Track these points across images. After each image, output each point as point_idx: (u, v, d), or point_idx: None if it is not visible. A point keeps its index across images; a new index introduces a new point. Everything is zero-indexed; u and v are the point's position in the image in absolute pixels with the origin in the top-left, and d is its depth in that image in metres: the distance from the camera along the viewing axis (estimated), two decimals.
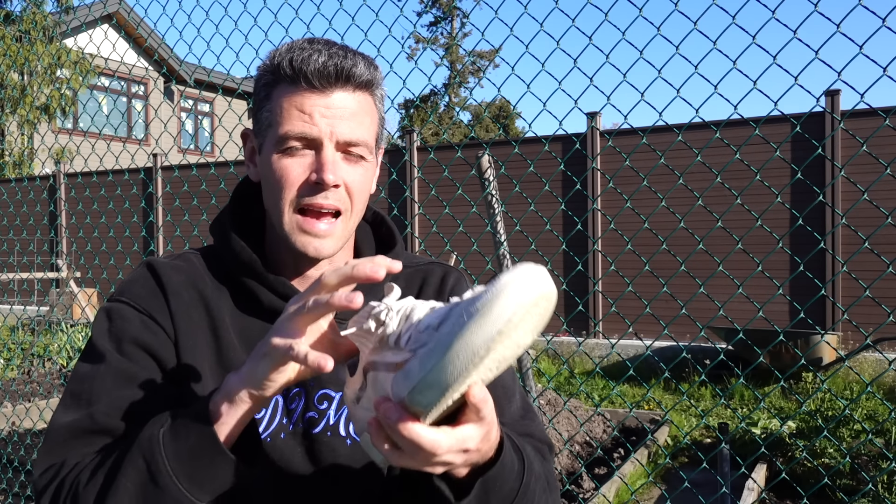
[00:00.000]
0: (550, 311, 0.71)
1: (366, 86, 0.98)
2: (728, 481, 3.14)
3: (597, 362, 3.82)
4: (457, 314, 0.69)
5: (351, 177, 0.97)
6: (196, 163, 5.55)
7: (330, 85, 0.94)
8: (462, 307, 0.69)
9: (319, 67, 0.93)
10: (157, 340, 0.99)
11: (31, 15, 12.33)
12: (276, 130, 0.96)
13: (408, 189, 8.81)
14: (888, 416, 2.19)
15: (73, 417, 0.94)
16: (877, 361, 6.76)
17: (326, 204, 0.96)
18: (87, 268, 10.23)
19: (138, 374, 0.96)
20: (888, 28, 1.82)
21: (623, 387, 6.99)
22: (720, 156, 7.46)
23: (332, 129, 0.94)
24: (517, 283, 0.66)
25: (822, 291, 2.31)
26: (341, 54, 0.95)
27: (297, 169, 0.95)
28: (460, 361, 0.67)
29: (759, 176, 2.05)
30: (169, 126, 14.66)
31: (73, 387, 0.97)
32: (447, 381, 0.68)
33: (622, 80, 2.24)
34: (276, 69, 0.96)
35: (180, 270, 1.04)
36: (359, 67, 0.95)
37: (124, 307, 1.01)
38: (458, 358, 0.67)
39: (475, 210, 2.66)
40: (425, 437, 0.71)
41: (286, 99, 0.95)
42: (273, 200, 0.98)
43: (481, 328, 0.66)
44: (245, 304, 1.04)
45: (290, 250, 1.02)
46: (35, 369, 6.99)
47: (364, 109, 0.98)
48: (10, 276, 6.67)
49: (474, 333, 0.66)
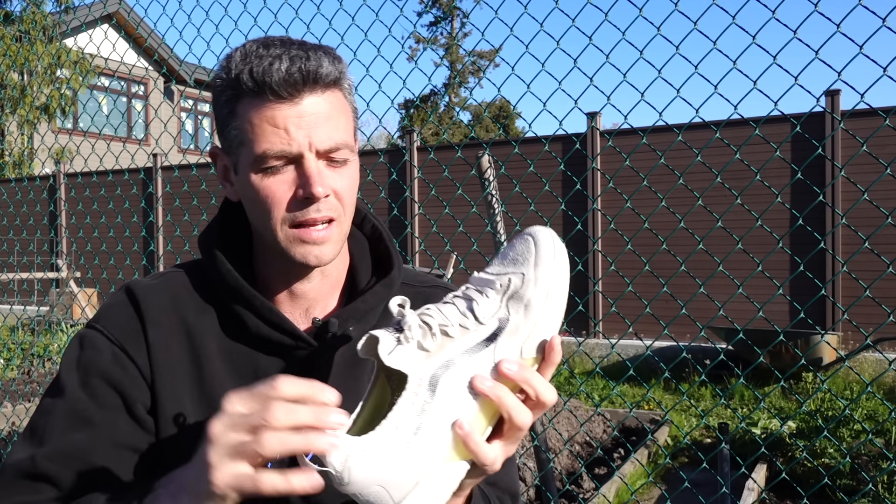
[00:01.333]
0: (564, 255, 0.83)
1: (334, 83, 0.92)
2: (728, 481, 3.14)
3: (597, 362, 3.82)
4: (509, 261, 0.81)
5: (338, 183, 0.93)
6: (196, 163, 5.55)
7: (298, 91, 0.88)
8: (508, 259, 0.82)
9: (284, 76, 0.87)
10: (127, 376, 0.94)
11: (30, 15, 12.33)
12: (250, 149, 0.90)
13: (408, 189, 8.81)
14: (888, 416, 2.19)
15: (21, 457, 0.91)
16: (877, 361, 6.76)
17: (319, 217, 0.92)
18: (87, 268, 10.23)
19: (94, 417, 0.91)
20: (888, 28, 1.82)
21: (623, 387, 6.99)
22: (720, 156, 7.46)
23: (310, 140, 0.89)
24: (537, 230, 0.81)
25: (822, 291, 2.32)
26: (303, 55, 0.88)
27: (282, 187, 0.91)
28: (557, 292, 0.79)
29: (759, 176, 2.05)
30: (169, 126, 14.64)
31: (34, 419, 0.94)
32: (558, 315, 0.80)
33: (622, 80, 2.24)
34: (235, 83, 0.90)
35: (161, 293, 1.00)
36: (324, 66, 0.89)
37: (97, 336, 0.96)
38: (557, 288, 0.79)
39: (475, 210, 2.66)
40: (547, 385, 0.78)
41: (254, 114, 0.89)
42: (262, 220, 0.94)
43: (552, 261, 0.79)
44: (232, 327, 0.99)
45: (282, 265, 0.98)
46: (35, 369, 6.99)
47: (337, 109, 0.92)
48: (10, 276, 6.67)
49: (551, 269, 0.79)
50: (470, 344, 0.75)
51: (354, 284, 1.05)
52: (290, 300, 1.01)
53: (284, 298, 1.01)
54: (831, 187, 7.57)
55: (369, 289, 1.03)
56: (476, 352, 0.75)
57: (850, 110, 2.11)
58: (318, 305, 1.03)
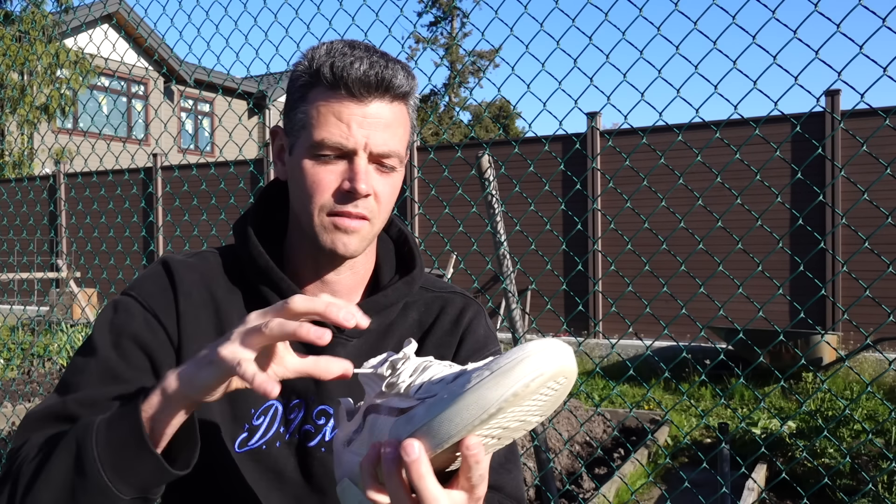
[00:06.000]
0: (566, 392, 0.71)
1: (403, 96, 0.97)
2: (728, 481, 3.14)
3: (597, 362, 3.82)
4: (474, 371, 0.69)
5: (381, 187, 0.98)
6: (196, 163, 5.55)
7: (369, 94, 0.94)
8: (482, 366, 0.69)
9: (360, 76, 0.93)
10: (157, 340, 0.99)
11: (30, 15, 12.33)
12: (310, 134, 0.95)
13: (408, 189, 8.81)
14: (888, 416, 2.19)
15: (51, 402, 0.95)
16: (877, 361, 6.76)
17: (355, 212, 0.96)
18: (87, 268, 10.24)
19: (124, 374, 0.96)
20: (888, 28, 1.82)
21: (623, 387, 6.99)
22: (720, 156, 7.46)
23: (367, 140, 0.94)
24: (544, 352, 0.67)
25: (822, 291, 2.32)
26: (382, 63, 0.94)
27: (330, 176, 0.96)
28: (468, 414, 0.67)
29: (759, 176, 2.05)
30: (169, 126, 14.66)
31: (66, 376, 0.99)
32: (449, 431, 0.68)
33: (622, 80, 2.24)
34: (315, 72, 0.95)
35: (195, 269, 1.05)
36: (398, 78, 0.95)
37: (131, 302, 1.02)
38: (466, 410, 0.67)
39: (475, 210, 2.66)
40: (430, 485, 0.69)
41: (323, 104, 0.95)
42: (302, 203, 0.99)
43: (498, 385, 0.66)
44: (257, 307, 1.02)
45: (313, 252, 1.02)
46: (35, 369, 6.99)
47: (398, 120, 0.97)
48: (10, 276, 6.67)
49: (490, 389, 0.66)
50: (392, 405, 0.75)
51: (378, 281, 1.10)
52: (317, 290, 1.05)
53: (311, 288, 1.05)
54: (831, 187, 7.57)
55: (391, 285, 1.08)
56: (389, 414, 0.75)
57: (850, 110, 2.10)
58: (342, 297, 1.06)
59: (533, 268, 8.54)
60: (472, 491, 0.72)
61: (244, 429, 1.01)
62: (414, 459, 0.68)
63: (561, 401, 0.72)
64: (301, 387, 1.03)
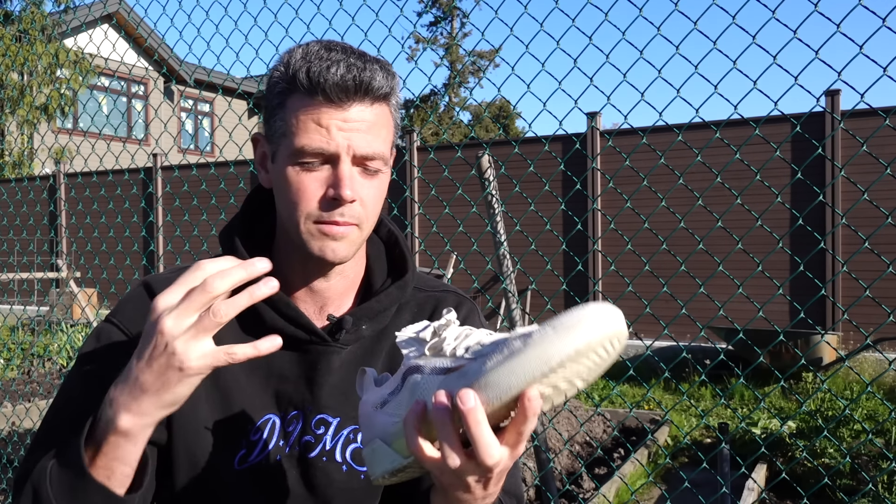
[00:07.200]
0: (613, 358, 0.73)
1: (383, 97, 0.96)
2: (728, 481, 3.14)
3: None
4: (535, 330, 0.71)
5: (367, 191, 0.96)
6: (196, 163, 5.55)
7: (348, 98, 0.92)
8: (543, 325, 0.71)
9: (338, 81, 0.91)
10: None
11: (30, 15, 12.33)
12: (291, 141, 0.94)
13: (408, 189, 8.80)
14: (888, 416, 2.19)
15: (36, 457, 0.95)
16: (877, 361, 6.76)
17: (342, 221, 0.95)
18: (87, 268, 10.24)
19: None
20: (888, 28, 1.82)
21: (623, 387, 6.99)
22: (720, 156, 7.46)
23: (350, 143, 0.92)
24: (603, 312, 0.70)
25: (822, 291, 2.31)
26: (359, 65, 0.92)
27: (314, 184, 0.94)
28: (531, 367, 0.69)
29: (759, 176, 2.05)
30: (169, 126, 14.65)
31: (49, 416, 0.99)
32: (510, 383, 0.69)
33: (622, 80, 2.24)
34: (291, 78, 0.94)
35: None
36: (377, 80, 0.93)
37: (114, 330, 1.01)
38: (529, 363, 0.69)
39: (475, 210, 2.66)
40: (486, 432, 0.71)
41: (302, 110, 0.93)
42: (288, 211, 0.97)
43: (562, 341, 0.68)
44: (248, 320, 1.01)
45: (301, 259, 1.01)
46: (35, 369, 7.00)
47: (381, 121, 0.96)
48: (10, 276, 6.67)
49: (553, 344, 0.68)
50: (438, 365, 0.77)
51: (369, 285, 1.09)
52: (307, 297, 1.04)
53: (301, 294, 1.04)
54: (831, 187, 7.57)
55: (384, 290, 1.06)
56: (434, 373, 0.77)
57: (850, 110, 2.10)
58: (333, 303, 1.06)
59: (533, 268, 8.54)
60: (515, 447, 0.74)
61: (242, 445, 1.00)
62: (471, 408, 0.69)
63: (605, 368, 0.74)
64: (297, 398, 1.02)
